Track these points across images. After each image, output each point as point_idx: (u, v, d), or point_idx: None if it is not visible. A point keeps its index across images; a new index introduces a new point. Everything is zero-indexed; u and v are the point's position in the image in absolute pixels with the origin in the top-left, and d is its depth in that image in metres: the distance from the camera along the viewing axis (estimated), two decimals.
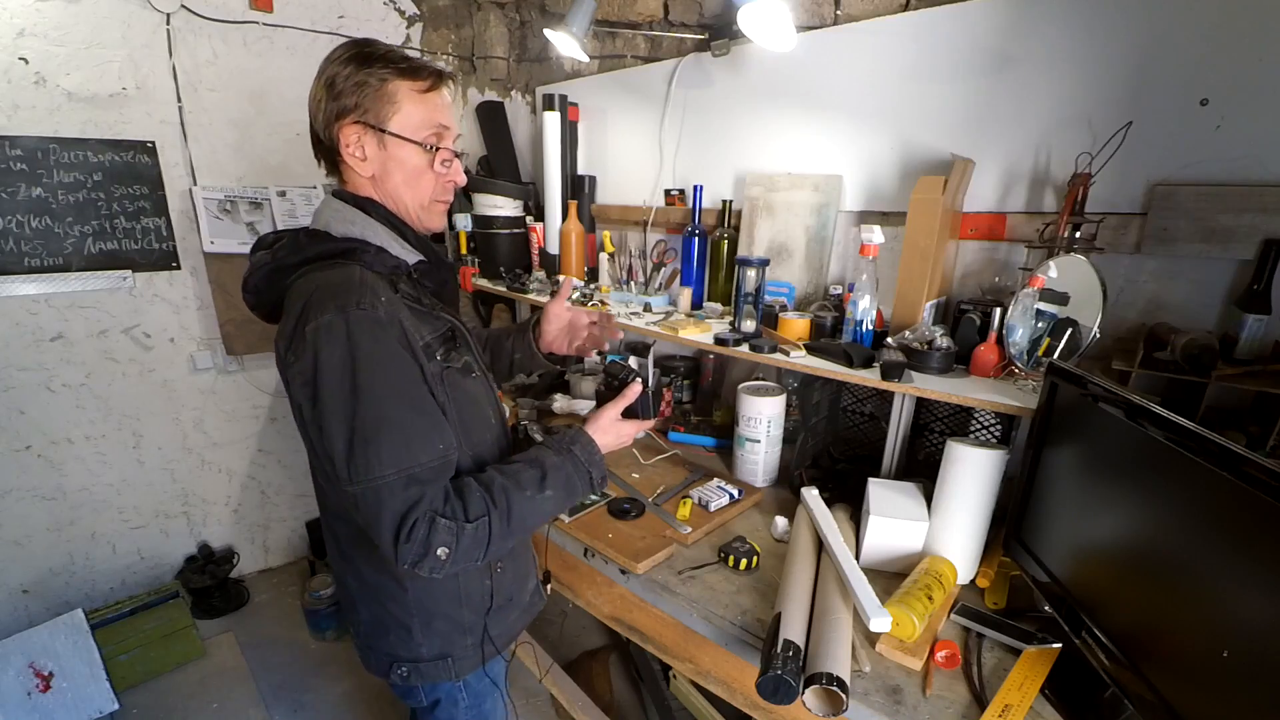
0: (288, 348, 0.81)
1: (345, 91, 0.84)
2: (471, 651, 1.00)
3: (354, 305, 0.78)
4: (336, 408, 0.77)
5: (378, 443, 0.77)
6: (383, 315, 0.80)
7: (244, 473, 2.60)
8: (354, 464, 0.77)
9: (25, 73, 1.90)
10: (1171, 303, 1.17)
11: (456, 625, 0.98)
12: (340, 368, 0.77)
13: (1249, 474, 0.64)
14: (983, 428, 1.38)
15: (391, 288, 0.87)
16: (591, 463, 0.96)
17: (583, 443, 0.97)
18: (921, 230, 1.23)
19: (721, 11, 1.73)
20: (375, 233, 0.89)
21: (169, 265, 2.23)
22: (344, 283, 0.80)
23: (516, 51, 2.51)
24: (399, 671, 0.99)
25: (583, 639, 2.23)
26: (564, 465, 0.93)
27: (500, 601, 1.02)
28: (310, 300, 0.79)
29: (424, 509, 0.78)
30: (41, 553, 2.20)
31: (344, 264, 0.84)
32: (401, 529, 0.77)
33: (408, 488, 0.78)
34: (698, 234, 1.77)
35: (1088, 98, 1.19)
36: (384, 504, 0.77)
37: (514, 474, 0.89)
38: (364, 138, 0.87)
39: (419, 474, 0.79)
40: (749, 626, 1.09)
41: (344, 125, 0.85)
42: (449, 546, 0.79)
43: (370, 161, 0.88)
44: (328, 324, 0.77)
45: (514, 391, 2.22)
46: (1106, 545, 0.88)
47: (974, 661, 0.99)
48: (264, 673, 2.17)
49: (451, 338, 0.93)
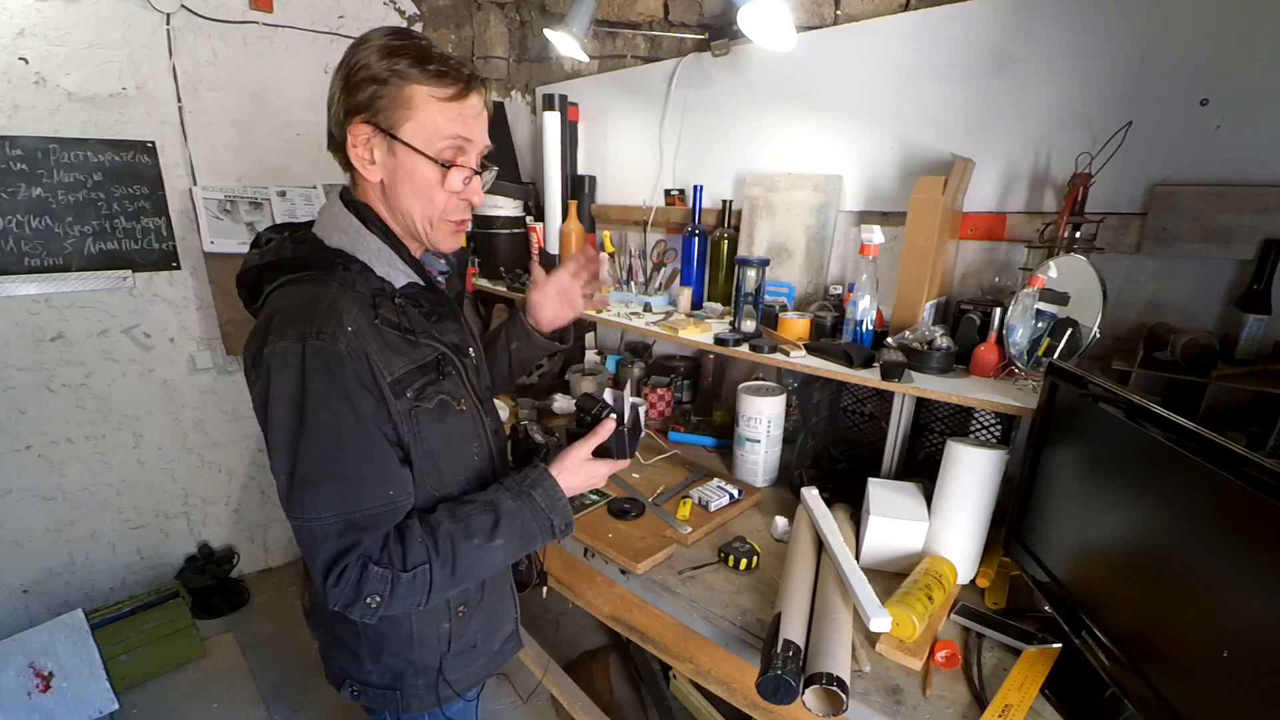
0: (251, 364, 0.77)
1: (360, 86, 0.76)
2: (424, 691, 0.95)
3: (314, 335, 0.72)
4: (281, 440, 0.74)
5: (317, 485, 0.74)
6: (343, 349, 0.73)
7: (244, 473, 2.60)
8: (293, 499, 0.74)
9: (25, 73, 1.90)
10: (1171, 303, 1.17)
11: (407, 663, 0.93)
12: (289, 401, 0.73)
13: (1249, 474, 0.63)
14: (983, 428, 1.38)
15: (371, 309, 0.80)
16: (553, 509, 0.87)
17: (545, 487, 0.88)
18: (921, 230, 1.23)
19: (721, 11, 1.73)
20: (366, 246, 0.82)
21: (169, 265, 2.23)
22: (310, 305, 0.75)
23: (516, 51, 2.51)
24: (350, 689, 0.96)
25: (583, 639, 2.23)
26: (520, 512, 0.85)
27: (460, 647, 0.95)
28: (274, 320, 0.75)
29: (357, 554, 0.74)
30: (41, 553, 2.20)
31: (320, 279, 0.79)
32: (332, 571, 0.74)
33: (343, 534, 0.75)
34: (698, 234, 1.77)
35: (1088, 98, 1.19)
36: (317, 545, 0.75)
37: (465, 518, 0.82)
38: (373, 140, 0.79)
39: (359, 520, 0.75)
40: (749, 626, 1.09)
41: (355, 123, 0.78)
42: (380, 594, 0.75)
43: (379, 167, 0.80)
44: (283, 351, 0.72)
45: (514, 391, 2.22)
46: (1106, 545, 0.88)
47: (974, 661, 0.99)
48: (264, 673, 2.17)
49: (436, 366, 0.85)
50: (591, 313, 1.75)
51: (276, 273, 0.82)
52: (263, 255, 0.84)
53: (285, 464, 0.74)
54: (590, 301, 1.19)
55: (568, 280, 1.16)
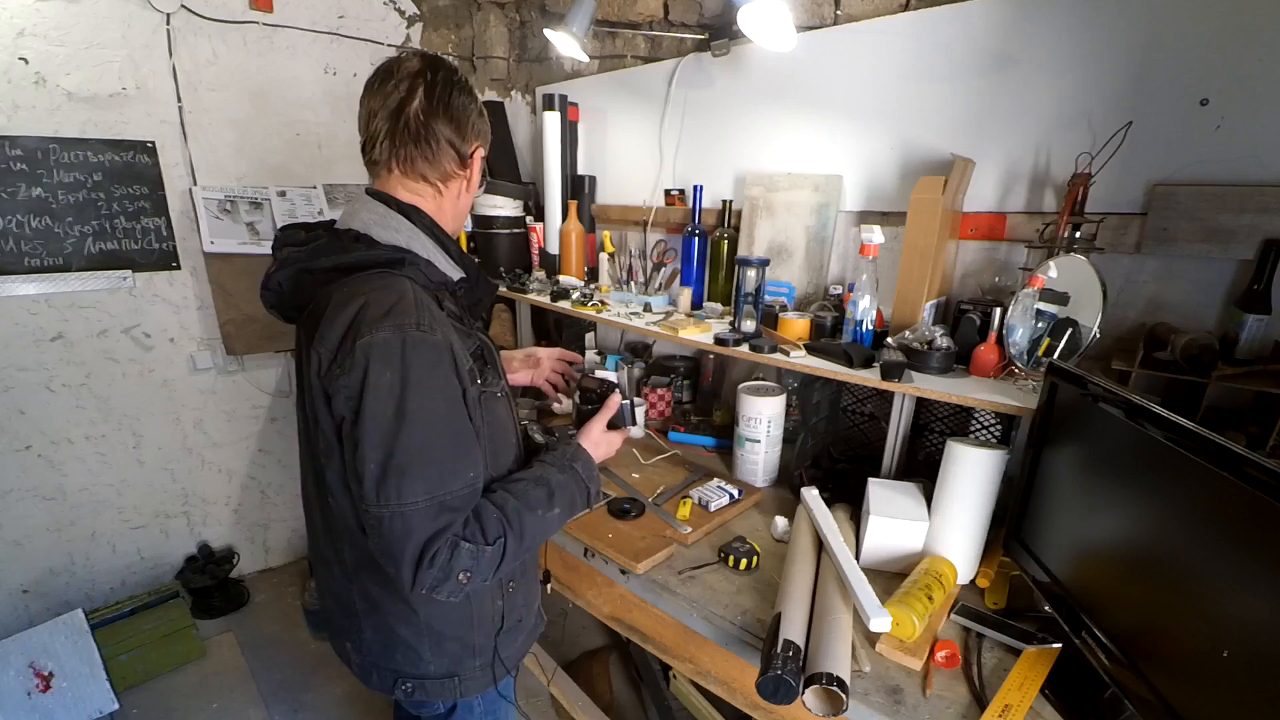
0: (333, 359, 0.78)
1: (481, 121, 0.93)
2: (480, 672, 0.99)
3: (413, 326, 0.77)
4: (376, 429, 0.76)
5: (413, 471, 0.76)
6: (439, 339, 0.79)
7: (244, 473, 2.60)
8: (385, 487, 0.76)
9: (25, 73, 1.90)
10: (1171, 303, 1.17)
11: (467, 647, 0.97)
12: (389, 390, 0.76)
13: (1249, 474, 0.63)
14: (983, 428, 1.38)
15: (437, 304, 0.85)
16: (590, 478, 0.98)
17: (583, 459, 0.99)
18: (921, 230, 1.23)
19: (721, 11, 1.73)
20: (422, 244, 0.88)
21: (169, 265, 2.23)
22: (399, 299, 0.78)
23: (516, 51, 2.51)
24: (404, 688, 0.97)
25: (583, 639, 2.23)
26: (568, 484, 0.95)
27: (510, 623, 1.01)
28: (362, 313, 0.77)
29: (450, 535, 0.78)
30: (41, 553, 2.20)
31: (392, 275, 0.82)
32: (425, 554, 0.77)
33: (438, 515, 0.78)
34: (698, 234, 1.77)
35: (1088, 98, 1.19)
36: (412, 530, 0.77)
37: (523, 494, 0.89)
38: (478, 165, 0.95)
39: (449, 501, 0.79)
40: (749, 626, 1.09)
41: (478, 149, 0.93)
42: (470, 570, 0.80)
43: (460, 180, 0.94)
44: (383, 342, 0.75)
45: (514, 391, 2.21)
46: (1106, 545, 0.88)
47: (974, 661, 0.99)
48: (264, 673, 2.17)
49: (482, 357, 0.92)
50: (591, 313, 1.75)
51: (330, 272, 0.84)
52: (311, 255, 0.86)
53: (378, 453, 0.76)
54: (546, 388, 1.44)
55: (547, 365, 1.40)
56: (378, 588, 0.93)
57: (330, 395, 0.80)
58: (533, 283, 2.02)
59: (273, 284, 0.89)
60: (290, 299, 0.89)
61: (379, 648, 0.97)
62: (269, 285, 0.89)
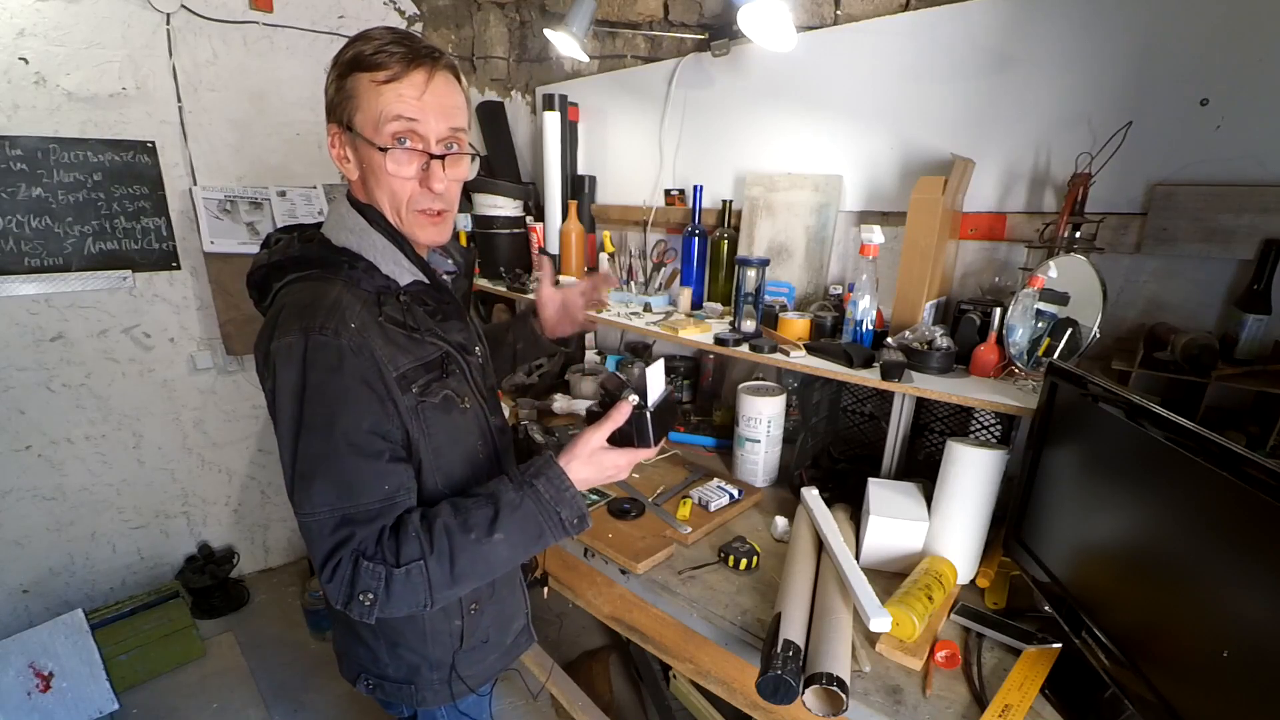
0: (261, 362, 0.79)
1: (328, 88, 0.80)
2: (439, 686, 0.96)
3: (316, 329, 0.74)
4: (284, 434, 0.75)
5: (314, 480, 0.74)
6: (345, 343, 0.74)
7: (244, 473, 2.60)
8: (296, 493, 0.75)
9: (25, 73, 1.90)
10: (1171, 303, 1.17)
11: (422, 658, 0.94)
12: (291, 395, 0.74)
13: (1249, 474, 0.63)
14: (983, 428, 1.38)
15: (376, 308, 0.81)
16: (560, 501, 0.80)
17: (549, 476, 0.81)
18: (921, 230, 1.23)
19: (721, 11, 1.73)
20: (371, 245, 0.83)
21: (169, 265, 2.23)
22: (314, 302, 0.77)
23: (516, 51, 2.51)
24: (366, 682, 0.98)
25: (583, 639, 2.23)
26: (522, 504, 0.79)
27: (473, 643, 0.97)
28: (280, 317, 0.77)
29: (349, 550, 0.74)
30: (41, 553, 2.20)
31: (326, 278, 0.80)
32: (326, 566, 0.74)
33: (337, 529, 0.75)
34: (698, 234, 1.77)
35: (1088, 98, 1.19)
36: (314, 540, 0.75)
37: (465, 511, 0.79)
38: (341, 138, 0.81)
39: (354, 515, 0.75)
40: (749, 626, 1.09)
41: (329, 124, 0.82)
42: (374, 592, 0.74)
43: (353, 164, 0.83)
44: (287, 346, 0.74)
45: (514, 391, 2.22)
46: (1106, 545, 0.88)
47: (974, 661, 0.99)
48: (264, 673, 2.17)
49: (440, 364, 0.86)
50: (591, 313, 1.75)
51: (283, 271, 0.84)
52: (271, 255, 0.86)
53: (288, 458, 0.76)
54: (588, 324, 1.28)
55: (575, 297, 1.24)
56: None
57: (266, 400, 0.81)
58: (533, 283, 2.02)
59: (251, 284, 0.89)
60: (261, 299, 0.89)
61: (345, 640, 0.99)
62: (250, 284, 0.90)
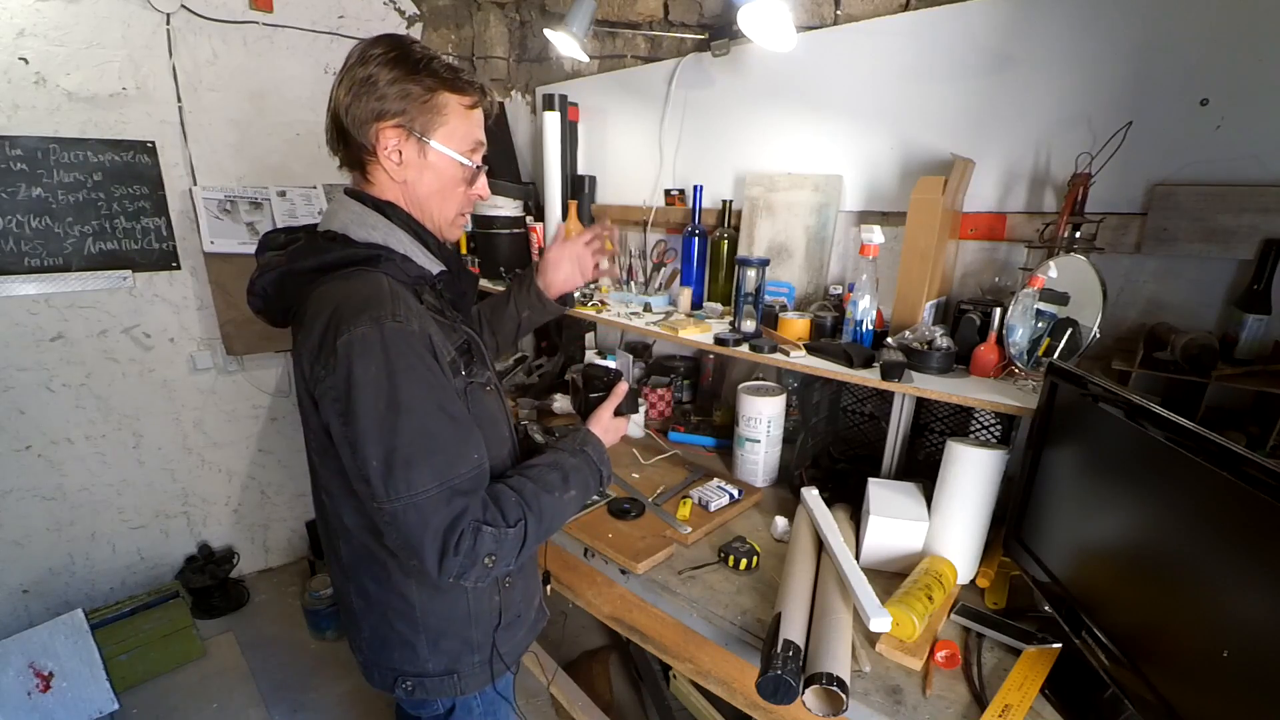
0: (315, 361, 0.78)
1: (389, 95, 0.82)
2: (479, 669, 0.99)
3: (389, 317, 0.76)
4: (372, 425, 0.75)
5: (419, 460, 0.76)
6: (415, 328, 0.78)
7: (244, 473, 2.60)
8: (393, 481, 0.75)
9: (25, 73, 1.90)
10: (1171, 303, 1.17)
11: (465, 643, 0.97)
12: (376, 384, 0.75)
13: (1249, 474, 0.63)
14: (983, 428, 1.38)
15: (416, 298, 0.84)
16: (601, 460, 0.99)
17: (593, 443, 1.00)
18: (921, 230, 1.23)
19: (721, 11, 1.73)
20: (398, 239, 0.87)
21: (169, 265, 2.23)
22: (374, 293, 0.78)
23: (516, 51, 2.51)
24: (404, 686, 0.97)
25: (583, 639, 2.23)
26: (581, 467, 0.95)
27: (509, 619, 1.01)
28: (339, 311, 0.76)
29: (469, 520, 0.78)
30: (41, 553, 2.20)
31: (369, 272, 0.82)
32: (448, 542, 0.76)
33: (451, 500, 0.77)
34: (698, 234, 1.77)
35: (1088, 98, 1.19)
36: (427, 520, 0.76)
37: (539, 477, 0.89)
38: (404, 143, 0.85)
39: (460, 485, 0.79)
40: (749, 626, 1.09)
41: (384, 127, 0.83)
42: (494, 553, 0.79)
43: (406, 167, 0.86)
44: (361, 337, 0.74)
45: (514, 391, 2.22)
46: (1106, 545, 0.88)
47: (974, 661, 0.99)
48: (264, 673, 2.17)
49: (468, 351, 0.91)
50: (591, 313, 1.75)
51: (311, 273, 0.84)
52: (290, 258, 0.85)
53: (379, 449, 0.75)
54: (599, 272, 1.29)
55: (583, 248, 1.25)
56: (373, 584, 0.93)
57: (317, 399, 0.80)
58: None
59: (257, 289, 0.89)
60: (276, 302, 0.89)
61: (377, 645, 0.97)
62: (254, 290, 0.89)
